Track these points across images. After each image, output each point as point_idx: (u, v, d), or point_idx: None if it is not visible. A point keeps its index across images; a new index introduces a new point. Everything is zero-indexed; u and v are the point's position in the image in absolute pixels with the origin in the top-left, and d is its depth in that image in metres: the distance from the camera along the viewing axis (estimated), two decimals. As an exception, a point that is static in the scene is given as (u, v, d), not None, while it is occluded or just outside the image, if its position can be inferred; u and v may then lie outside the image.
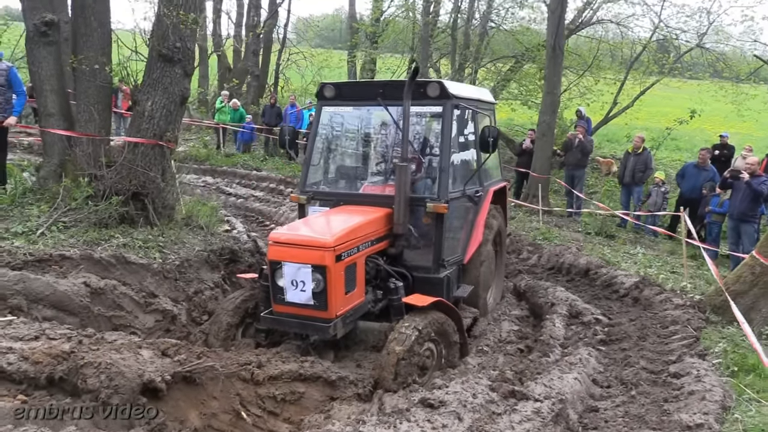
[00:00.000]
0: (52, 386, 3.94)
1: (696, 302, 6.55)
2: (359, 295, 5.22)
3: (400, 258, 5.72)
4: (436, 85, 5.72)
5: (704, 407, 3.98)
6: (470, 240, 6.35)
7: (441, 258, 5.73)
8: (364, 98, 6.15)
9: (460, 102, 5.98)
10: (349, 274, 4.99)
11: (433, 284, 5.65)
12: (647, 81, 19.54)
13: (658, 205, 12.82)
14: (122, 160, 7.01)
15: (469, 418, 3.48)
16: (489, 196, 6.70)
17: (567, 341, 5.95)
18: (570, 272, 8.68)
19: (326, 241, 4.76)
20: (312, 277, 4.71)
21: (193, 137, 20.39)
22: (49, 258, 5.81)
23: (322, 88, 6.23)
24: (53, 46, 7.36)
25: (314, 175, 6.42)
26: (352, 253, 5.02)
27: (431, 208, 5.56)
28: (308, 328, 4.92)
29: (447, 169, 5.74)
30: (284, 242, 4.88)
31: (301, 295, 4.78)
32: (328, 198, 6.11)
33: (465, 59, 20.55)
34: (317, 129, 6.36)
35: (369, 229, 5.32)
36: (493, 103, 7.56)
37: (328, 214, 5.72)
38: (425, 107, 6.04)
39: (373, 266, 5.44)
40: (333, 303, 4.78)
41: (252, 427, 4.35)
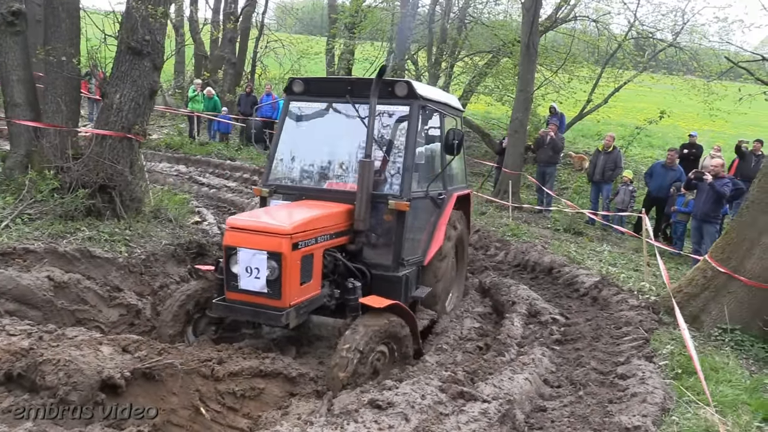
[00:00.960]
0: (10, 382, 3.97)
1: (651, 303, 6.76)
2: (315, 288, 5.22)
3: (359, 255, 5.75)
4: (404, 85, 5.81)
5: (644, 409, 4.15)
6: (431, 242, 6.40)
7: (401, 257, 5.77)
8: (333, 94, 6.18)
9: (427, 103, 6.06)
10: (305, 265, 5.00)
11: (392, 283, 5.69)
12: (622, 77, 19.80)
13: (625, 204, 13.07)
14: (89, 153, 7.01)
15: (416, 418, 3.61)
16: (452, 200, 6.78)
17: (524, 340, 6.11)
18: (534, 270, 8.86)
19: (283, 228, 4.77)
20: (267, 264, 4.71)
21: (167, 124, 20.24)
22: (13, 251, 5.82)
23: (291, 83, 6.30)
24: (20, 35, 7.32)
25: (279, 169, 6.44)
26: (309, 243, 5.04)
27: (393, 206, 5.61)
28: (260, 316, 4.92)
29: (411, 168, 5.78)
30: (241, 228, 4.88)
31: (255, 282, 4.77)
32: (291, 192, 6.11)
33: (441, 53, 20.60)
34: (284, 123, 6.40)
35: (328, 222, 5.34)
36: (461, 111, 7.69)
37: (289, 205, 5.77)
38: (393, 106, 6.06)
39: (332, 260, 5.46)
40: (287, 292, 4.79)
41: (211, 423, 4.41)
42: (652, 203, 12.95)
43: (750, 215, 6.46)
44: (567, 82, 19.84)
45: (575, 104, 19.57)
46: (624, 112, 26.02)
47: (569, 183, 17.59)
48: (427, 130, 6.60)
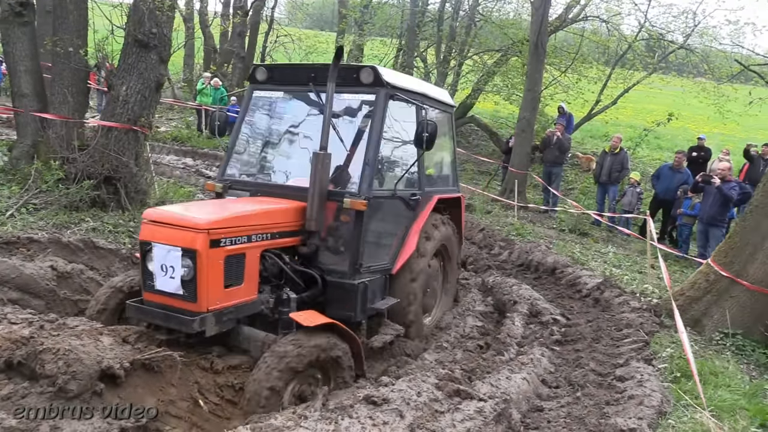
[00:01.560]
0: (10, 370, 4.00)
1: (653, 306, 6.74)
2: (248, 293, 4.63)
3: (314, 259, 5.17)
4: (370, 71, 5.22)
5: (640, 412, 4.15)
6: (402, 248, 5.70)
7: (358, 262, 5.14)
8: (297, 82, 5.66)
9: (396, 92, 5.42)
10: (231, 266, 4.44)
11: (347, 291, 5.08)
12: (631, 79, 19.71)
13: (632, 205, 13.03)
14: (95, 144, 7.07)
15: (411, 415, 3.62)
16: (431, 203, 6.04)
17: (524, 340, 6.10)
18: (538, 270, 8.85)
19: (198, 221, 4.21)
20: (182, 262, 4.17)
21: (175, 117, 20.31)
22: (17, 240, 5.87)
23: (254, 70, 5.84)
24: (28, 26, 7.38)
25: (237, 163, 5.91)
26: (238, 242, 4.47)
27: (348, 204, 5.00)
28: (173, 321, 4.30)
29: (372, 163, 5.18)
30: (156, 221, 4.34)
31: (170, 282, 4.24)
32: (246, 188, 5.53)
33: (450, 50, 20.57)
34: (245, 114, 5.90)
35: (268, 220, 4.78)
36: (450, 105, 6.93)
37: (227, 201, 5.29)
38: (358, 95, 5.46)
39: (274, 263, 4.89)
40: (204, 295, 4.23)
41: (209, 415, 4.44)
42: (658, 205, 12.91)
43: (754, 219, 6.42)
44: (575, 82, 19.77)
45: (583, 105, 19.51)
46: (633, 114, 25.92)
47: (576, 184, 17.55)
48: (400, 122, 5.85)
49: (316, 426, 3.30)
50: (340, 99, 5.42)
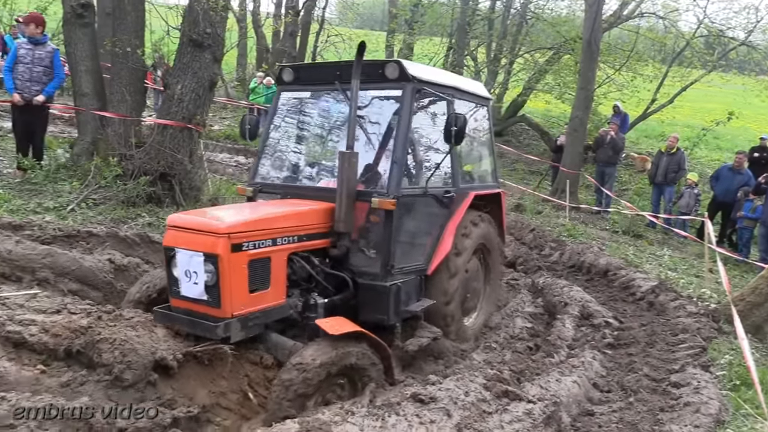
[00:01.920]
0: (69, 358, 4.14)
1: (710, 311, 6.51)
2: (275, 297, 4.54)
3: (345, 261, 5.03)
4: (395, 66, 5.03)
5: (696, 420, 4.00)
6: (437, 248, 5.52)
7: (390, 263, 4.96)
8: (323, 81, 5.52)
9: (424, 86, 5.21)
10: (256, 270, 4.36)
11: (379, 293, 4.92)
12: (689, 77, 19.11)
13: (689, 207, 12.65)
14: (151, 141, 7.26)
15: (458, 415, 3.58)
16: (467, 200, 5.81)
17: (575, 343, 5.97)
18: (590, 272, 8.65)
19: (218, 226, 4.15)
20: (204, 268, 4.13)
21: (229, 116, 20.71)
22: (77, 234, 6.07)
23: (281, 71, 5.72)
24: (88, 27, 7.64)
25: (268, 167, 5.83)
26: (262, 245, 4.39)
27: (377, 204, 4.84)
28: (197, 327, 4.26)
29: (400, 161, 5.00)
30: (179, 226, 4.31)
31: (194, 288, 4.20)
32: (276, 191, 5.45)
33: (501, 49, 20.34)
34: (274, 116, 5.81)
35: (294, 222, 4.69)
36: (487, 99, 6.65)
37: (252, 204, 5.27)
38: (384, 90, 5.29)
39: (302, 266, 4.78)
40: (228, 300, 4.17)
41: (258, 407, 4.50)
42: (717, 208, 12.48)
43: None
44: (630, 80, 19.27)
45: (638, 103, 19.01)
46: (691, 113, 25.09)
47: (630, 184, 17.11)
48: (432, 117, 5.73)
49: (363, 422, 3.30)
50: (367, 96, 5.30)
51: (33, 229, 5.93)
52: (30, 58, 7.62)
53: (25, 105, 7.63)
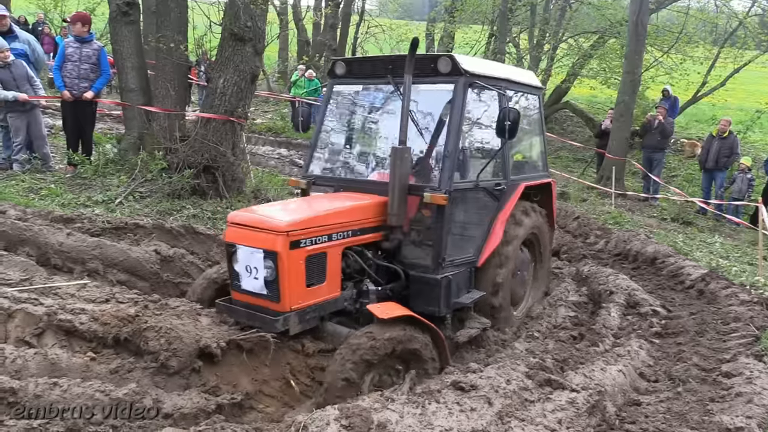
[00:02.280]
0: (118, 346, 4.27)
1: (765, 299, 6.26)
2: (330, 290, 4.67)
3: (397, 253, 5.15)
4: (448, 60, 5.06)
5: (749, 410, 3.86)
6: (487, 240, 5.55)
7: (441, 256, 5.04)
8: (375, 75, 5.56)
9: (476, 80, 5.20)
10: (312, 265, 4.48)
11: (429, 285, 5.02)
12: (743, 58, 18.39)
13: (742, 193, 12.22)
14: (195, 135, 7.39)
15: (499, 403, 3.55)
16: (518, 191, 5.83)
17: (620, 332, 5.83)
18: (636, 260, 8.43)
19: (278, 224, 4.28)
20: (264, 264, 4.28)
21: (271, 110, 20.94)
22: (125, 226, 6.26)
23: (333, 65, 5.78)
24: (134, 25, 7.81)
25: (321, 159, 5.94)
26: (318, 241, 4.51)
27: (429, 199, 4.91)
28: (256, 320, 4.43)
29: (452, 156, 5.02)
30: (239, 224, 4.48)
31: (255, 282, 4.37)
32: (329, 184, 5.56)
33: (544, 35, 19.96)
34: (326, 109, 5.90)
35: (349, 218, 4.78)
36: (537, 88, 6.65)
37: (308, 199, 5.36)
38: (436, 85, 5.32)
39: (356, 260, 4.90)
40: (287, 294, 4.30)
41: (300, 395, 4.56)
42: (773, 193, 12.01)
43: None
44: (680, 63, 18.66)
45: (688, 87, 18.40)
46: (745, 96, 24.18)
47: (679, 171, 16.62)
48: (483, 110, 5.71)
49: (402, 409, 3.30)
50: (419, 90, 5.29)
51: (83, 222, 6.13)
52: (77, 56, 7.85)
53: (74, 102, 7.86)
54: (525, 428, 3.43)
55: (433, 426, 3.22)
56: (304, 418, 3.18)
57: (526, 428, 3.43)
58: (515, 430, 3.38)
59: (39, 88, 7.99)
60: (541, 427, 3.48)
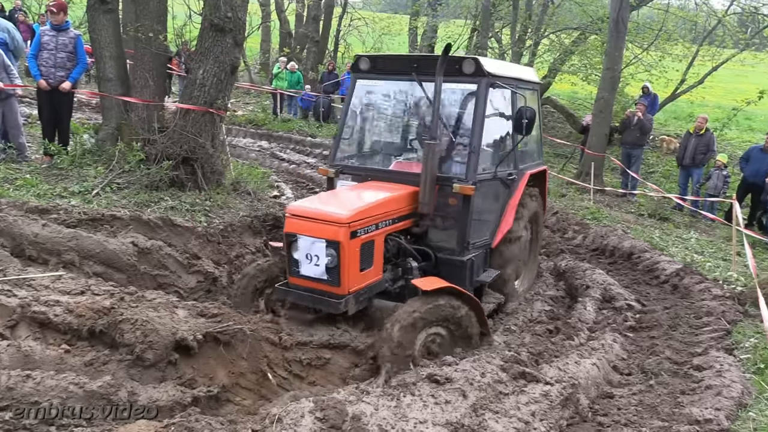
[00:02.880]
0: (93, 338, 4.23)
1: (736, 294, 6.39)
2: (375, 273, 5.18)
3: (424, 237, 5.68)
4: (472, 62, 5.55)
5: (717, 403, 3.95)
6: (500, 224, 6.20)
7: (466, 240, 5.61)
8: (399, 72, 6.01)
9: (496, 80, 5.74)
10: (365, 252, 4.96)
11: (456, 266, 5.57)
12: (721, 56, 18.61)
13: (718, 189, 12.38)
14: (174, 126, 7.32)
15: (474, 395, 3.59)
16: (524, 179, 6.47)
17: (596, 325, 5.93)
18: (613, 254, 8.55)
19: (341, 216, 4.73)
20: (326, 252, 4.71)
21: (252, 101, 20.80)
22: (102, 217, 6.18)
23: (358, 60, 6.18)
24: (112, 13, 7.70)
25: (345, 149, 6.39)
26: (369, 230, 4.99)
27: (458, 189, 5.44)
28: (320, 303, 4.90)
29: (477, 150, 5.56)
30: (300, 215, 4.88)
31: (315, 269, 4.79)
32: (357, 173, 6.06)
33: (526, 30, 20.03)
34: (350, 102, 6.33)
35: (390, 207, 5.27)
36: (538, 83, 7.29)
37: (351, 190, 5.73)
38: (459, 84, 5.86)
39: (395, 245, 5.40)
40: (346, 279, 4.77)
41: (277, 388, 4.56)
42: (747, 190, 12.18)
43: None
44: (659, 60, 18.84)
45: (667, 84, 18.59)
46: (723, 94, 24.49)
47: (657, 167, 16.80)
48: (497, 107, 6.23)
49: (377, 401, 3.32)
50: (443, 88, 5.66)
51: (59, 213, 6.05)
52: (53, 44, 7.72)
53: (50, 91, 7.74)
54: (499, 420, 3.47)
55: (408, 418, 3.24)
56: (279, 411, 3.19)
57: (500, 420, 3.47)
58: (489, 422, 3.42)
59: (15, 77, 7.86)
60: (515, 419, 3.53)
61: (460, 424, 3.31)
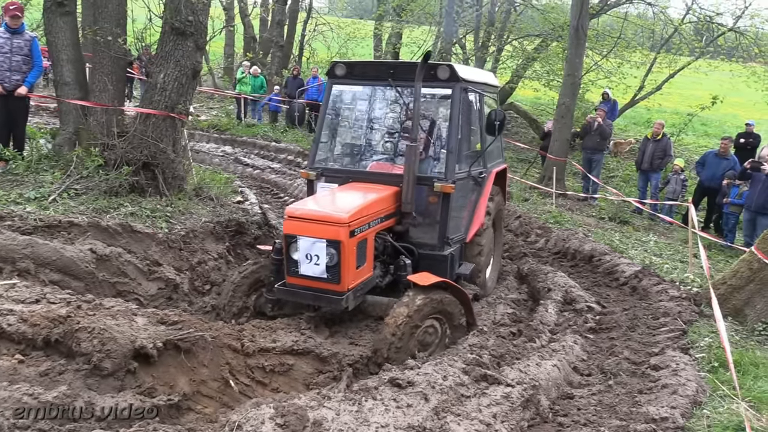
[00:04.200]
0: (48, 348, 4.13)
1: (692, 295, 6.55)
2: (368, 270, 5.46)
3: (406, 235, 5.95)
4: (447, 68, 5.87)
5: (673, 401, 4.04)
6: (473, 219, 6.56)
7: (446, 236, 5.95)
8: (375, 78, 6.29)
9: (468, 85, 6.13)
10: (360, 250, 5.21)
11: (438, 261, 5.86)
12: (677, 63, 19.10)
13: (676, 193, 12.71)
14: (134, 131, 7.20)
15: (435, 399, 3.60)
16: (492, 177, 6.89)
17: (557, 327, 6.01)
18: (575, 258, 8.69)
19: (342, 217, 4.95)
20: (326, 252, 4.93)
21: (216, 106, 20.59)
22: (59, 224, 6.03)
23: (334, 66, 6.36)
24: (69, 16, 7.54)
25: (323, 152, 6.62)
26: (364, 229, 5.22)
27: (438, 188, 5.76)
28: (321, 300, 5.16)
29: (454, 151, 5.92)
30: (299, 217, 5.08)
31: (315, 268, 4.99)
32: (337, 175, 6.28)
33: (489, 36, 20.27)
34: (327, 106, 6.56)
35: (379, 207, 5.53)
36: (497, 87, 7.79)
37: (341, 191, 5.93)
38: (435, 89, 6.25)
39: (382, 242, 5.68)
40: (345, 277, 5.01)
41: (239, 395, 4.52)
42: (703, 193, 12.53)
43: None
44: (618, 66, 19.25)
45: (626, 90, 19.01)
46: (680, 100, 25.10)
47: (617, 171, 17.15)
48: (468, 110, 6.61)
49: (339, 406, 3.31)
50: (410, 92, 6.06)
51: (14, 219, 5.88)
52: (8, 47, 7.52)
53: (5, 95, 7.54)
54: (461, 423, 3.49)
55: (369, 423, 3.24)
56: (239, 417, 3.16)
57: (461, 423, 3.50)
58: (451, 425, 3.44)
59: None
60: (477, 421, 3.56)
61: (422, 428, 3.32)
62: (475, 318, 5.57)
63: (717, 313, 4.92)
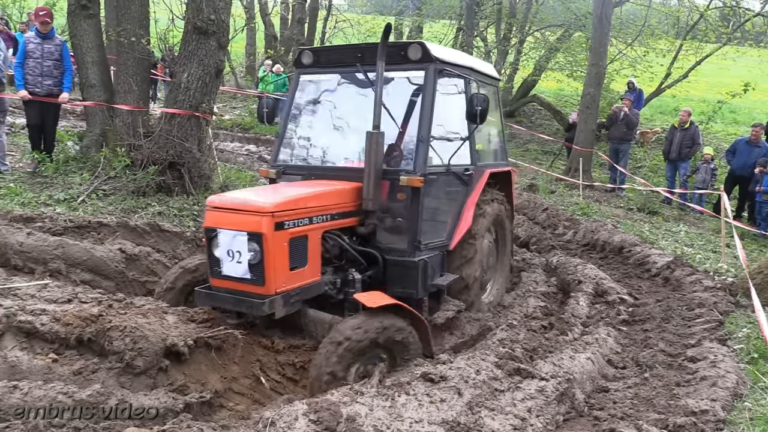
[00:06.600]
0: (81, 346, 4.16)
1: (728, 285, 6.40)
2: (312, 274, 4.65)
3: (372, 238, 5.16)
4: (418, 47, 5.14)
5: (713, 393, 3.94)
6: (458, 224, 5.67)
7: (417, 239, 5.09)
8: (344, 64, 5.55)
9: (445, 67, 5.32)
10: (295, 248, 4.45)
11: (407, 269, 5.03)
12: (703, 51, 18.73)
13: (706, 182, 12.46)
14: (159, 131, 7.25)
15: (469, 393, 3.55)
16: (484, 177, 5.98)
17: (589, 320, 5.92)
18: (604, 249, 8.55)
19: (262, 205, 4.24)
20: (248, 247, 4.21)
21: (239, 106, 20.70)
22: (88, 225, 6.11)
23: (300, 54, 5.77)
24: (93, 18, 7.63)
25: (288, 148, 5.92)
26: (300, 223, 4.49)
27: (405, 182, 4.94)
28: (242, 305, 4.38)
29: (426, 140, 5.09)
30: (220, 207, 4.40)
31: (238, 267, 4.28)
32: (299, 172, 5.57)
33: (510, 28, 20.08)
34: (293, 99, 5.87)
35: (327, 201, 4.79)
36: (497, 79, 6.89)
37: (285, 185, 5.31)
38: (407, 72, 5.39)
39: (335, 244, 4.89)
40: (271, 277, 4.25)
41: (270, 392, 4.51)
42: (734, 182, 12.26)
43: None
44: (643, 55, 18.93)
45: (652, 79, 18.69)
46: (707, 88, 24.67)
47: (645, 161, 16.88)
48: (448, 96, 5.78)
49: (372, 402, 3.28)
50: (389, 77, 5.30)
51: (44, 221, 5.97)
52: (39, 52, 7.63)
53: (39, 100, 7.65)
54: (495, 417, 3.44)
55: (403, 418, 3.20)
56: (272, 414, 3.14)
57: (496, 417, 3.44)
58: (485, 419, 3.39)
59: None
60: (511, 416, 3.50)
61: (456, 423, 3.27)
62: (432, 349, 4.55)
63: (756, 303, 4.80)
